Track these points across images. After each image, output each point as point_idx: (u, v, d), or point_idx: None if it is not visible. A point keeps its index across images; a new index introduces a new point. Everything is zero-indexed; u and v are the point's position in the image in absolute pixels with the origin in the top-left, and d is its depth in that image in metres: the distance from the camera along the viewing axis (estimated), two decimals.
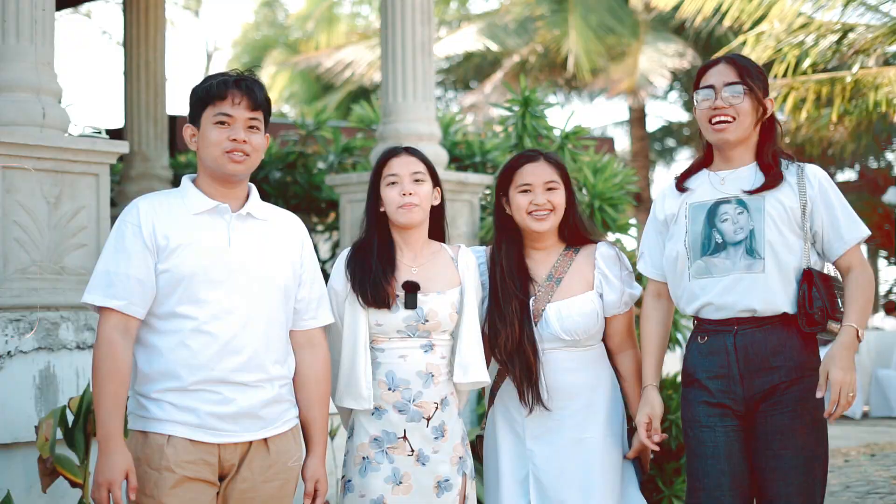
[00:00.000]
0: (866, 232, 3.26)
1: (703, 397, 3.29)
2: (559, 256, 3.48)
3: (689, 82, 19.08)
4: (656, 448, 3.36)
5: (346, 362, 3.27)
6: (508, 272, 3.43)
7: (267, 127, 3.08)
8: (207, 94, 2.99)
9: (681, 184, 3.40)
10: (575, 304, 3.40)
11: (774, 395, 3.21)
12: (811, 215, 3.22)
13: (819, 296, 3.17)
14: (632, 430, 3.46)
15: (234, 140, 2.97)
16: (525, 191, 3.43)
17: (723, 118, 3.26)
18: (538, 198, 3.42)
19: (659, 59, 16.87)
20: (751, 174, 3.29)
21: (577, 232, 3.50)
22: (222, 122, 2.98)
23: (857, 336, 3.11)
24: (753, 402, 3.24)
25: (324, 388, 3.17)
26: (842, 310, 3.21)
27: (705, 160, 3.41)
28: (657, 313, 3.46)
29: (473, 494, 3.38)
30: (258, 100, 3.01)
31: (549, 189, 3.43)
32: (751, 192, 3.24)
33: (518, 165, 3.48)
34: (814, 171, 3.27)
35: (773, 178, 3.24)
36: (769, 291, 3.20)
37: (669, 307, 3.48)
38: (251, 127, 3.01)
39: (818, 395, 3.10)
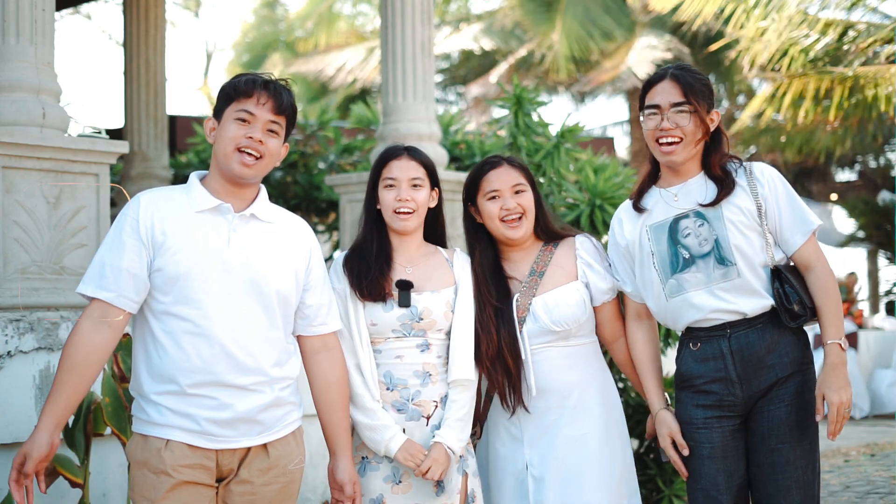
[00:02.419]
0: (817, 222, 3.27)
1: (700, 400, 3.31)
2: (539, 252, 3.50)
3: None
4: (684, 471, 3.35)
5: (353, 361, 3.27)
6: (482, 279, 3.44)
7: (288, 137, 3.07)
8: (234, 90, 2.98)
9: (637, 204, 3.40)
10: (561, 293, 3.41)
11: (772, 391, 3.24)
12: (766, 213, 3.24)
13: (793, 289, 3.21)
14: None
15: (251, 138, 2.95)
16: (493, 197, 3.45)
17: (670, 139, 3.26)
18: (507, 202, 3.44)
19: (646, 53, 16.88)
20: (701, 185, 3.30)
21: (550, 230, 3.53)
22: (243, 120, 2.97)
23: (841, 347, 3.16)
24: (752, 400, 3.26)
25: (344, 390, 3.17)
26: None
27: (653, 175, 3.41)
28: (642, 334, 3.46)
29: (479, 492, 3.38)
30: (283, 104, 3.00)
31: (517, 192, 3.45)
32: (707, 205, 3.25)
33: (483, 173, 3.50)
34: (761, 169, 3.29)
35: (727, 187, 3.26)
36: (751, 292, 3.23)
37: (651, 325, 3.49)
38: (271, 130, 2.99)
39: (817, 418, 3.16)
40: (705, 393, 3.29)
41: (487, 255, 3.49)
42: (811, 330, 3.41)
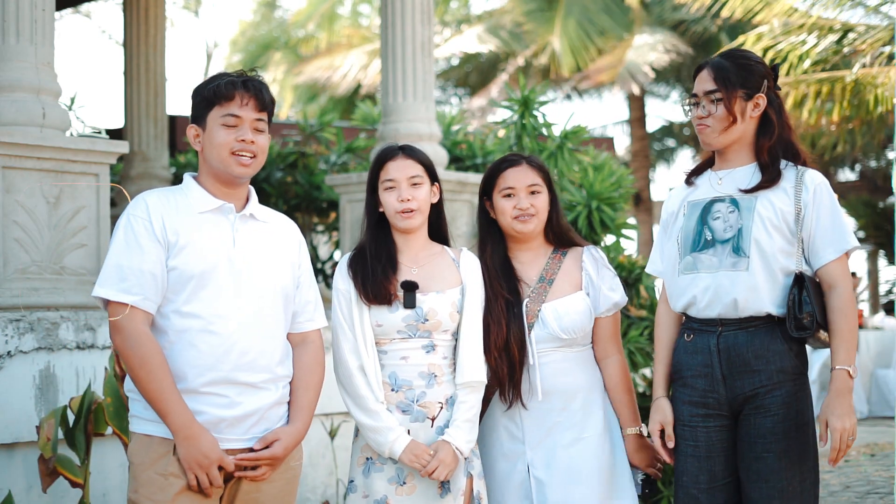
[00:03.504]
0: (853, 243, 3.21)
1: (688, 396, 3.31)
2: (548, 259, 3.52)
3: (689, 81, 19.09)
4: (668, 460, 3.36)
5: (357, 363, 3.27)
6: (494, 273, 3.45)
7: (269, 127, 3.09)
8: (215, 94, 2.98)
9: (689, 178, 3.43)
10: (570, 302, 3.43)
11: (757, 399, 3.21)
12: (803, 220, 3.20)
13: (809, 301, 3.15)
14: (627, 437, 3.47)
15: (243, 141, 2.96)
16: (508, 195, 3.47)
17: (702, 124, 3.30)
18: (521, 202, 3.45)
19: (645, 53, 16.88)
20: (748, 174, 3.29)
21: (562, 234, 3.54)
22: (230, 124, 2.98)
23: (850, 375, 3.10)
24: (737, 403, 3.24)
25: (313, 377, 3.13)
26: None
27: (711, 158, 3.43)
28: (668, 317, 3.46)
29: (485, 494, 3.37)
30: (265, 101, 3.01)
31: (532, 193, 3.47)
32: (745, 192, 3.25)
33: (501, 170, 3.52)
34: (812, 177, 3.23)
35: (768, 179, 3.24)
36: (752, 289, 3.20)
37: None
38: (257, 128, 3.01)
39: (821, 446, 3.12)
40: (692, 388, 3.29)
41: (498, 250, 3.51)
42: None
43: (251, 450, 2.97)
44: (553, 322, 3.40)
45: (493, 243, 3.52)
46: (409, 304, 3.28)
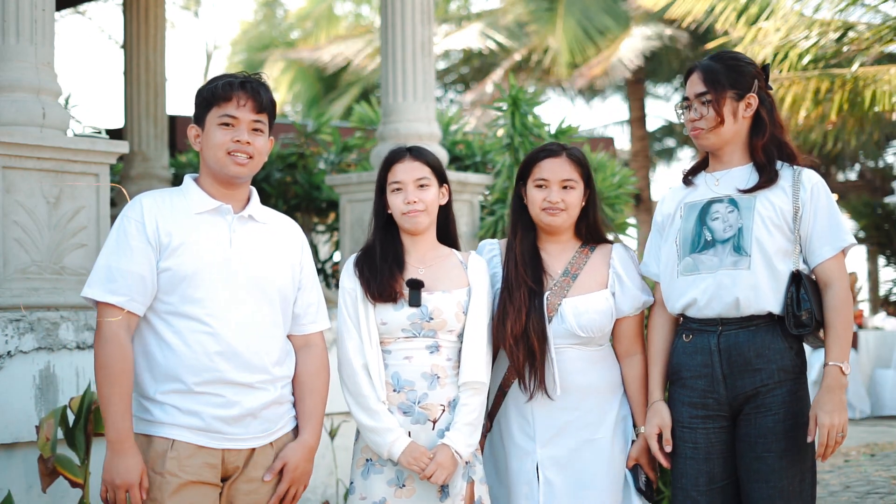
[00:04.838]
0: (851, 241, 3.22)
1: (687, 397, 3.30)
2: (575, 253, 3.47)
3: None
4: (665, 464, 3.34)
5: (361, 361, 3.26)
6: (521, 260, 3.41)
7: (271, 129, 3.08)
8: (213, 95, 2.99)
9: (687, 178, 3.43)
10: (591, 300, 3.39)
11: (758, 398, 3.21)
12: (801, 218, 3.21)
13: (807, 298, 3.16)
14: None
15: (238, 141, 2.96)
16: (540, 186, 3.42)
17: (695, 127, 3.30)
18: (552, 195, 3.39)
19: (637, 43, 16.92)
20: (745, 174, 3.30)
21: (595, 230, 3.50)
22: (227, 124, 2.98)
23: (842, 371, 3.11)
24: (737, 403, 3.24)
25: (318, 381, 3.14)
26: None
27: (704, 161, 3.43)
28: (663, 319, 3.45)
29: (487, 498, 3.35)
30: (263, 102, 3.01)
31: (565, 187, 3.41)
32: (744, 192, 3.25)
33: (539, 159, 3.45)
34: (809, 176, 3.25)
35: (766, 178, 3.24)
36: (754, 287, 3.20)
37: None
38: (255, 129, 3.00)
39: (808, 439, 3.11)
40: (691, 389, 3.29)
41: (528, 238, 3.47)
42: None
43: (253, 451, 2.99)
44: (572, 319, 3.36)
45: (524, 231, 3.47)
46: (415, 302, 3.27)
